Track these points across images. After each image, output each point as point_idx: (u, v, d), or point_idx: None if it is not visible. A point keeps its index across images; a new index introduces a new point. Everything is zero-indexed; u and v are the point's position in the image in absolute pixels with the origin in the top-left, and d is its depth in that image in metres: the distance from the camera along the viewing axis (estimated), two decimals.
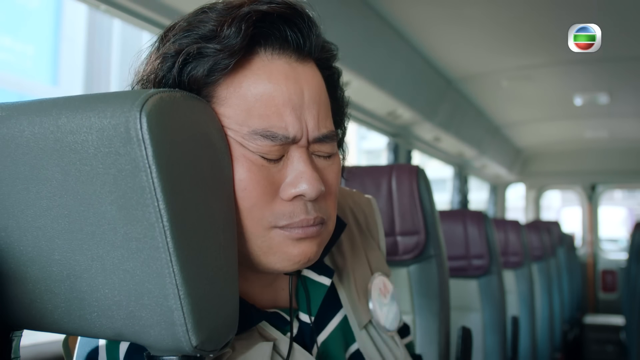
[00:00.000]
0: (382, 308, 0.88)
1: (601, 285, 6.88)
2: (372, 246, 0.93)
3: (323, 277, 0.81)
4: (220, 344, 0.57)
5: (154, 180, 0.50)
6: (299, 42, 0.68)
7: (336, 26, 2.20)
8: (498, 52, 3.39)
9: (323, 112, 0.70)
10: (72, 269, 0.54)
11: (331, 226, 0.73)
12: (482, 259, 2.10)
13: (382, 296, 0.88)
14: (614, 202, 9.74)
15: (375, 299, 0.87)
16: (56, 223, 0.54)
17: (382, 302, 0.88)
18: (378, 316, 0.86)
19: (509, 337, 2.56)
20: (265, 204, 0.65)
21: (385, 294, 0.89)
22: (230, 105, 0.65)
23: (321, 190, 0.66)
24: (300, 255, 0.68)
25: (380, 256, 0.94)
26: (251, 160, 0.64)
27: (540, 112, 5.05)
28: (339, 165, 0.74)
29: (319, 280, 0.80)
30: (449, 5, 2.72)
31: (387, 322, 0.87)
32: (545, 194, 7.60)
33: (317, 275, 0.81)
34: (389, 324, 0.87)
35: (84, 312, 0.54)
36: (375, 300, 0.87)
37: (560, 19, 2.75)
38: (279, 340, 0.73)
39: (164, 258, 0.51)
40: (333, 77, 0.77)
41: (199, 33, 0.65)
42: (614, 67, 3.60)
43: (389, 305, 0.89)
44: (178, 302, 0.51)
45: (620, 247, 7.66)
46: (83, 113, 0.52)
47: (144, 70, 0.69)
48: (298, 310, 0.79)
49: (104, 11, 1.85)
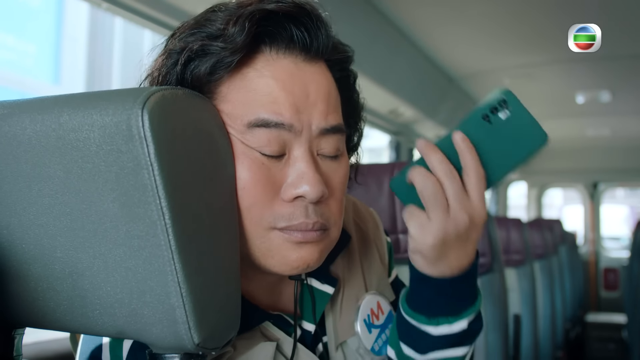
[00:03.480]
0: (370, 330, 0.81)
1: (603, 283, 6.87)
2: (374, 264, 0.87)
3: (327, 286, 0.78)
4: (222, 342, 0.56)
5: (156, 177, 0.50)
6: (306, 41, 0.66)
7: (338, 24, 2.20)
8: (500, 51, 3.39)
9: (332, 107, 0.68)
10: (74, 267, 0.54)
11: (335, 233, 0.70)
12: (484, 257, 2.10)
13: (373, 317, 0.82)
14: (616, 200, 9.72)
15: (361, 319, 0.81)
16: (58, 221, 0.54)
17: (371, 324, 0.82)
18: (363, 338, 0.80)
19: (510, 335, 2.56)
20: (265, 204, 0.64)
21: (378, 315, 0.83)
22: (231, 101, 0.64)
23: (323, 192, 0.64)
24: (298, 260, 0.66)
25: (383, 276, 0.87)
26: (251, 158, 0.64)
27: (542, 110, 5.03)
28: (347, 168, 0.71)
29: (322, 289, 0.78)
30: (451, 3, 2.72)
31: (377, 346, 0.81)
32: (547, 192, 7.59)
33: (321, 284, 0.79)
34: (378, 349, 0.81)
35: (86, 309, 0.54)
36: (362, 321, 0.81)
37: (562, 17, 2.75)
38: (282, 341, 0.72)
39: (166, 256, 0.51)
40: (348, 79, 0.74)
41: (206, 32, 0.65)
42: (616, 65, 3.59)
43: (382, 328, 0.83)
44: (180, 299, 0.51)
45: (622, 245, 7.64)
46: (85, 111, 0.52)
47: (151, 68, 0.69)
48: (302, 318, 0.77)
49: (105, 9, 1.86)
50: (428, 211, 0.66)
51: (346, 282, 0.82)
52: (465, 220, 0.65)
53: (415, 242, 0.67)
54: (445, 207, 0.65)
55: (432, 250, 0.66)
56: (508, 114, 0.66)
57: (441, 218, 0.65)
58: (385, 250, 0.90)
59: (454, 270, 0.68)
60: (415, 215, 0.67)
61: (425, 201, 0.66)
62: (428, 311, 0.72)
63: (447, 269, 0.68)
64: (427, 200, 0.65)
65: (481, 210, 0.66)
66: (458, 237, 0.66)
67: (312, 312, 0.77)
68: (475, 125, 0.66)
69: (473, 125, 0.66)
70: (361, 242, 0.87)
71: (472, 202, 0.66)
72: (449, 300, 0.71)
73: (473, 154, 0.65)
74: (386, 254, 0.90)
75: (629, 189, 9.52)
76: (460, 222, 0.65)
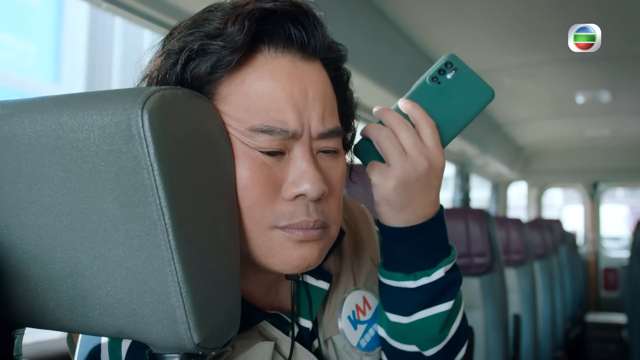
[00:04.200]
0: (356, 326, 0.81)
1: (603, 283, 6.88)
2: (363, 261, 0.87)
3: (321, 282, 0.79)
4: (222, 342, 0.56)
5: (156, 177, 0.50)
6: (304, 40, 0.67)
7: (338, 24, 2.20)
8: (500, 50, 3.39)
9: (329, 109, 0.69)
10: (74, 267, 0.54)
11: (334, 231, 0.71)
12: (484, 257, 2.10)
13: (359, 313, 0.82)
14: (616, 200, 9.73)
15: (345, 316, 0.81)
16: (58, 221, 0.54)
17: (357, 320, 0.82)
18: (348, 335, 0.80)
19: (510, 336, 2.56)
20: (266, 203, 0.64)
21: (365, 311, 0.83)
22: (232, 102, 0.64)
23: (324, 190, 0.65)
24: (299, 259, 0.67)
25: (372, 272, 0.87)
26: (252, 158, 0.64)
27: (542, 110, 5.04)
28: (344, 166, 0.73)
29: (317, 284, 0.79)
30: (451, 3, 2.72)
31: (363, 342, 0.81)
32: (547, 192, 7.60)
33: (315, 280, 0.79)
34: (365, 344, 0.81)
35: (86, 309, 0.54)
36: (346, 318, 0.81)
37: (562, 17, 2.75)
38: (280, 340, 0.72)
39: (166, 256, 0.51)
40: (341, 78, 0.75)
41: (204, 31, 0.65)
42: (616, 65, 3.60)
43: (369, 324, 0.83)
44: (180, 299, 0.51)
45: (622, 245, 7.65)
46: (85, 111, 0.52)
47: (149, 68, 0.69)
48: (299, 315, 0.78)
49: (105, 9, 1.86)
50: (387, 158, 0.70)
51: (337, 278, 0.83)
52: (424, 164, 0.69)
53: (378, 189, 0.71)
54: (402, 151, 0.70)
55: (395, 194, 0.70)
56: (454, 73, 0.74)
57: (399, 162, 0.69)
58: (377, 245, 0.91)
59: (419, 217, 0.72)
60: (376, 165, 0.72)
61: (382, 150, 0.71)
62: (404, 267, 0.75)
63: (413, 216, 0.72)
64: (384, 147, 0.70)
65: (439, 155, 0.71)
66: (419, 180, 0.70)
67: (309, 309, 0.77)
68: (425, 88, 0.74)
69: (423, 88, 0.74)
70: (351, 239, 0.88)
71: (428, 148, 0.70)
72: (422, 252, 0.74)
73: (419, 109, 0.72)
74: (378, 248, 0.91)
75: (629, 189, 9.52)
76: (419, 165, 0.69)
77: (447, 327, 0.78)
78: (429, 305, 0.75)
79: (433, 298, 0.75)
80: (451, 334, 0.78)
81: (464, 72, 0.74)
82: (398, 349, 0.79)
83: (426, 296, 0.75)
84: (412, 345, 0.78)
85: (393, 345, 0.79)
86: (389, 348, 0.80)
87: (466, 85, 0.74)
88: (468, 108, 0.74)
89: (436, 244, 0.74)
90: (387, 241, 0.75)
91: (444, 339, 0.78)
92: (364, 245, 0.89)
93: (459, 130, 0.75)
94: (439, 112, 0.73)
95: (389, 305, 0.78)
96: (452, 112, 0.74)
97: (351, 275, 0.85)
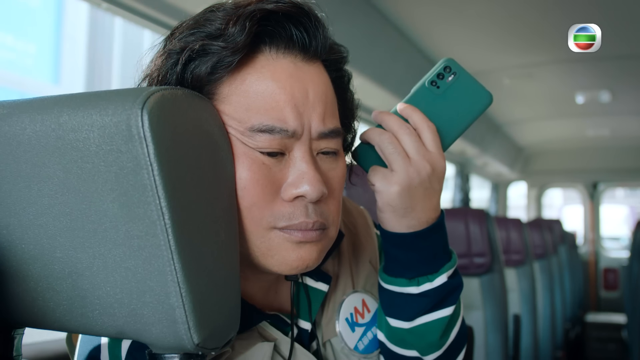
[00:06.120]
0: (354, 328, 0.81)
1: (603, 283, 6.88)
2: (361, 264, 0.87)
3: (321, 284, 0.79)
4: (222, 342, 0.56)
5: (156, 177, 0.50)
6: (305, 41, 0.67)
7: (338, 24, 2.20)
8: (500, 51, 3.39)
9: (329, 110, 0.69)
10: (73, 267, 0.54)
11: (333, 232, 0.71)
12: (484, 257, 2.10)
13: (357, 315, 0.82)
14: (616, 201, 9.73)
15: (343, 318, 0.80)
16: (58, 221, 0.54)
17: (355, 323, 0.81)
18: (345, 338, 0.80)
19: (510, 336, 2.56)
20: (265, 204, 0.64)
21: (363, 313, 0.82)
22: (232, 102, 0.64)
23: (323, 191, 0.65)
24: (297, 260, 0.66)
25: (371, 275, 0.86)
26: (252, 158, 0.64)
27: (541, 110, 5.05)
28: (344, 168, 0.72)
29: (316, 286, 0.79)
30: (450, 4, 2.72)
31: (361, 345, 0.80)
32: (547, 192, 7.59)
33: (315, 282, 0.79)
34: (363, 347, 0.81)
35: (86, 310, 0.54)
36: (344, 320, 0.80)
37: (562, 17, 2.75)
38: (279, 341, 0.72)
39: (166, 256, 0.50)
40: (342, 79, 0.75)
41: (205, 31, 0.65)
42: (616, 65, 3.60)
43: (367, 326, 0.82)
44: (180, 299, 0.51)
45: (621, 246, 7.65)
46: (84, 111, 0.52)
47: (150, 68, 0.69)
48: (298, 317, 0.78)
49: (105, 9, 1.86)
50: (389, 163, 0.70)
51: (335, 280, 0.83)
52: (427, 168, 0.69)
53: (382, 194, 0.70)
54: (405, 156, 0.69)
55: (399, 199, 0.69)
56: (453, 77, 0.74)
57: (403, 167, 0.69)
58: (376, 248, 0.90)
59: (422, 223, 0.72)
60: (379, 170, 0.71)
61: (385, 155, 0.70)
62: (407, 273, 0.75)
63: (416, 222, 0.72)
64: (387, 152, 0.70)
65: (440, 160, 0.71)
66: (422, 185, 0.70)
67: (308, 310, 0.77)
68: (424, 92, 0.74)
69: (422, 92, 0.74)
70: (350, 241, 0.88)
71: (430, 152, 0.70)
72: (424, 258, 0.73)
73: (419, 113, 0.71)
74: (377, 250, 0.90)
75: (628, 189, 9.52)
76: (422, 170, 0.69)
77: (447, 332, 0.78)
78: (431, 310, 0.75)
79: (435, 303, 0.75)
80: (451, 339, 0.79)
81: (463, 76, 0.74)
82: (398, 354, 0.79)
83: (429, 301, 0.75)
84: (413, 350, 0.78)
85: (392, 349, 0.79)
86: (388, 352, 0.80)
87: (465, 90, 0.74)
88: (467, 112, 0.74)
89: (438, 250, 0.74)
90: (390, 247, 0.75)
91: (445, 344, 0.78)
92: (362, 247, 0.88)
93: (458, 135, 0.75)
94: (438, 116, 0.73)
95: (390, 310, 0.78)
96: (451, 117, 0.73)
97: (349, 277, 0.84)
